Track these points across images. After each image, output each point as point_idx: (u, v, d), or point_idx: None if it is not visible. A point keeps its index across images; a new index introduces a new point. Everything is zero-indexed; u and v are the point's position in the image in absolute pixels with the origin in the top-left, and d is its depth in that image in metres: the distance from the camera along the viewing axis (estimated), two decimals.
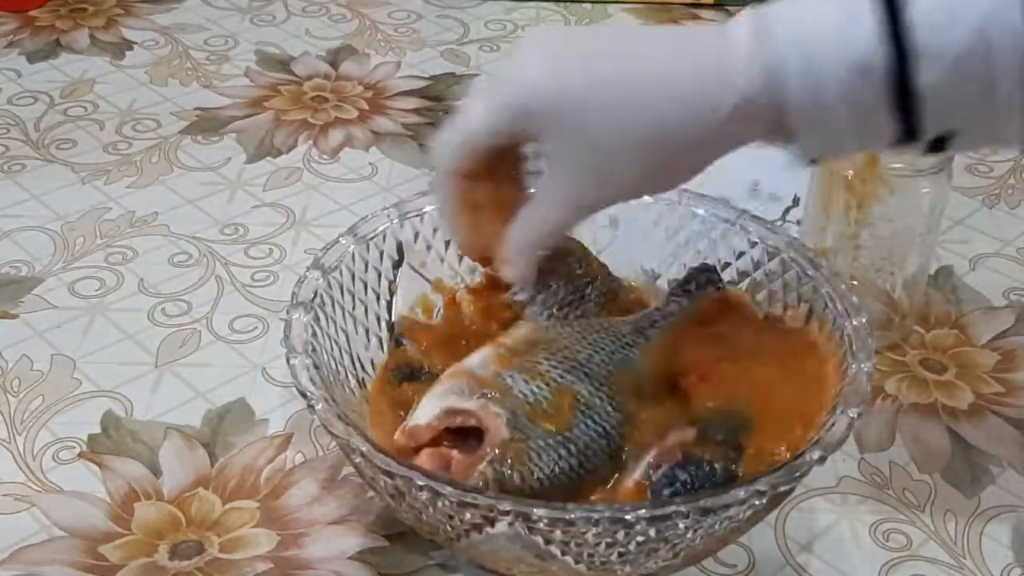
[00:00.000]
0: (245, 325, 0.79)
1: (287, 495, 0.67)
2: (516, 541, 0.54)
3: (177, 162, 0.96)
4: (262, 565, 0.63)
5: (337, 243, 0.68)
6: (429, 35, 1.17)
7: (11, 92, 1.06)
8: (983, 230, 0.90)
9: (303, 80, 1.08)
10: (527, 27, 1.18)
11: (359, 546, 0.64)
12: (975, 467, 0.70)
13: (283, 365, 0.62)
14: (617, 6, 1.22)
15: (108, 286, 0.82)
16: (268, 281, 0.83)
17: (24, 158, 0.96)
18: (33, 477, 0.68)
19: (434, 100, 1.06)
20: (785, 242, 0.69)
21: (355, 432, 0.56)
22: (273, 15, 1.20)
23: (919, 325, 0.80)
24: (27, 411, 0.72)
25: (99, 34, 1.15)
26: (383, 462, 0.54)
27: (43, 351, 0.77)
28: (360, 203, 0.91)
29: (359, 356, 0.67)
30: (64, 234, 0.87)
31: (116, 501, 0.66)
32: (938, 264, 0.86)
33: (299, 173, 0.95)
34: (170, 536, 0.64)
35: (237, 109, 1.04)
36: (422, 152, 0.98)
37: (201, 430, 0.71)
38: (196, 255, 0.86)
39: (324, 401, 0.58)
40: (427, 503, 0.54)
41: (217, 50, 1.13)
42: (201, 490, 0.67)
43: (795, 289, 0.67)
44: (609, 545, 0.54)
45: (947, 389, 0.75)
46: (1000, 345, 0.79)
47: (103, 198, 0.92)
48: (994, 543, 0.65)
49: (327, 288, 0.66)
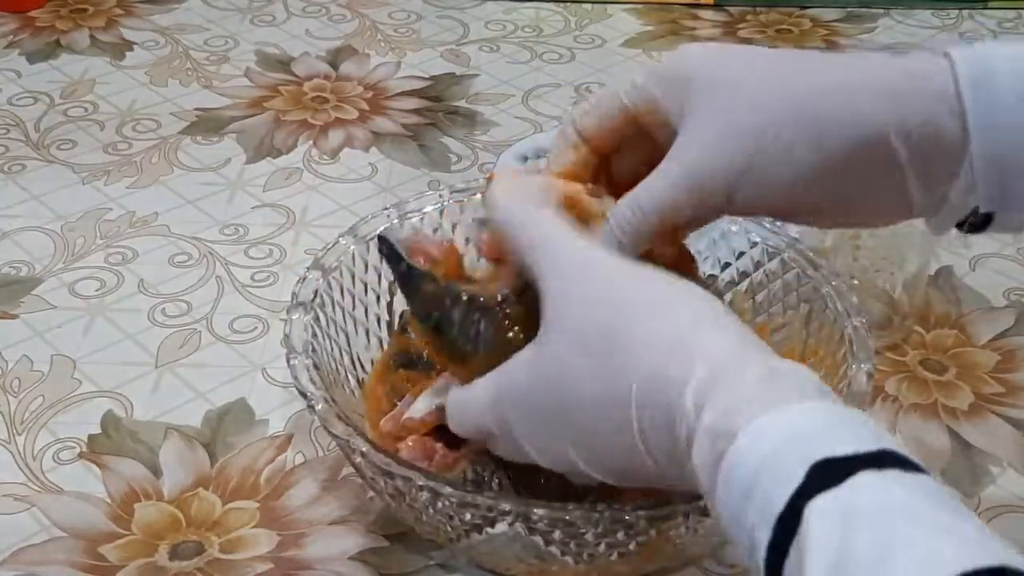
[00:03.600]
0: (245, 325, 0.79)
1: (287, 495, 0.67)
2: (516, 541, 0.54)
3: (177, 162, 0.96)
4: (262, 565, 0.63)
5: (337, 243, 0.68)
6: (429, 35, 1.17)
7: (11, 92, 1.06)
8: None
9: (303, 80, 1.08)
10: (527, 27, 1.18)
11: (359, 546, 0.64)
12: (975, 467, 0.70)
13: (283, 365, 0.62)
14: (617, 6, 1.22)
15: (108, 286, 0.82)
16: (268, 281, 0.83)
17: (24, 158, 0.96)
18: (33, 477, 0.68)
19: (434, 100, 1.06)
20: (785, 242, 0.69)
21: (355, 432, 0.56)
22: (273, 15, 1.20)
23: (919, 325, 0.80)
24: (27, 411, 0.72)
25: (99, 34, 1.15)
26: (383, 462, 0.54)
27: (43, 351, 0.77)
28: (360, 203, 0.91)
29: (359, 356, 0.67)
30: (64, 234, 0.87)
31: (116, 501, 0.66)
32: (938, 264, 0.86)
33: (299, 173, 0.95)
34: (170, 536, 0.64)
35: (237, 109, 1.04)
36: (422, 152, 0.98)
37: (201, 430, 0.71)
38: (196, 255, 0.86)
39: (324, 401, 0.58)
40: (427, 503, 0.54)
41: (217, 50, 1.13)
42: (201, 490, 0.67)
43: (795, 289, 0.67)
44: (609, 545, 0.54)
45: (947, 389, 0.75)
46: (1000, 345, 0.79)
47: (103, 198, 0.92)
48: None
49: (327, 288, 0.66)
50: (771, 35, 1.18)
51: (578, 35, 1.17)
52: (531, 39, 1.16)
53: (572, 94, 1.07)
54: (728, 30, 1.19)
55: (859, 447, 0.39)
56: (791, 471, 0.39)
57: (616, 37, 1.17)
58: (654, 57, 1.14)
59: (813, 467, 0.39)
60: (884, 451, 0.39)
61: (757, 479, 0.40)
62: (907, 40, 1.17)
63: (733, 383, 0.43)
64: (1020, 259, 0.87)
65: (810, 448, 0.40)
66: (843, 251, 0.76)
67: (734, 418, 0.42)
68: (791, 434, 0.41)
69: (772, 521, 0.39)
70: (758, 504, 0.40)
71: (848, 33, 1.19)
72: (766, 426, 0.41)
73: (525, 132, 1.00)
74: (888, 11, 1.22)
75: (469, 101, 1.05)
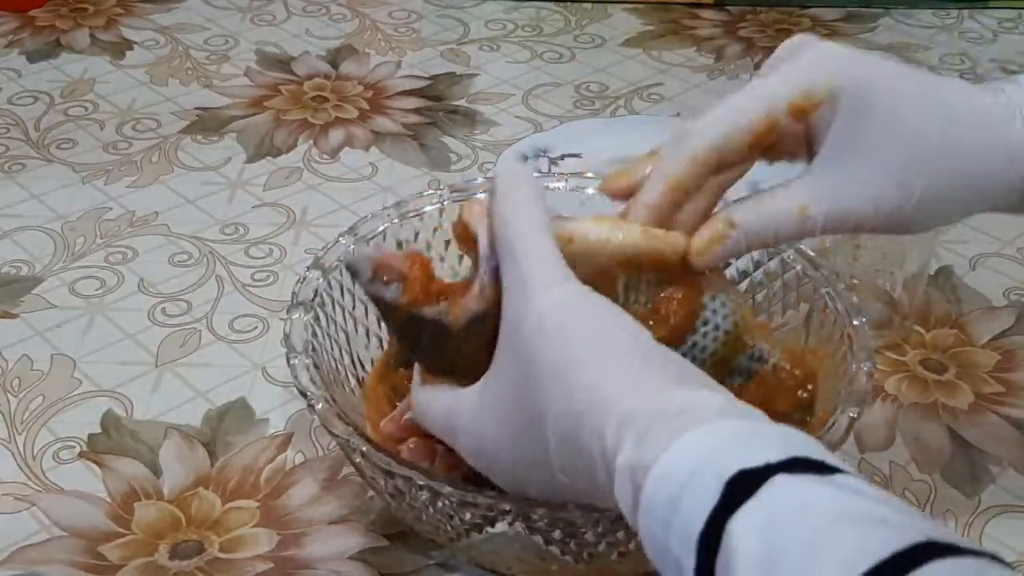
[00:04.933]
0: (245, 325, 0.79)
1: (287, 495, 0.67)
2: (516, 541, 0.54)
3: (177, 162, 0.96)
4: (262, 565, 0.63)
5: (337, 243, 0.68)
6: (429, 35, 1.17)
7: (11, 92, 1.06)
8: (983, 230, 0.90)
9: (303, 80, 1.08)
10: (527, 27, 1.18)
11: (359, 546, 0.64)
12: (975, 467, 0.70)
13: (283, 365, 0.62)
14: (617, 6, 1.22)
15: (108, 286, 0.82)
16: (268, 281, 0.83)
17: (24, 158, 0.96)
18: (33, 477, 0.68)
19: (434, 100, 1.06)
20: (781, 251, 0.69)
21: (355, 431, 0.56)
22: (273, 15, 1.20)
23: (919, 325, 0.80)
24: (27, 411, 0.72)
25: (99, 34, 1.15)
26: (383, 461, 0.54)
27: (43, 351, 0.77)
28: (360, 203, 0.91)
29: (359, 356, 0.67)
30: (64, 234, 0.87)
31: (116, 501, 0.66)
32: (938, 264, 0.86)
33: (299, 173, 0.95)
34: (170, 536, 0.64)
35: (237, 109, 1.04)
36: (422, 152, 0.98)
37: (201, 430, 0.71)
38: (196, 255, 0.86)
39: (324, 401, 0.58)
40: (427, 503, 0.54)
41: (217, 50, 1.13)
42: (201, 490, 0.67)
43: (795, 289, 0.67)
44: (609, 545, 0.54)
45: (947, 389, 0.75)
46: (1000, 345, 0.79)
47: (103, 198, 0.92)
48: (994, 543, 0.65)
49: (327, 288, 0.66)
50: (771, 35, 1.18)
51: (578, 35, 1.17)
52: (531, 39, 1.16)
53: (572, 94, 1.07)
54: (728, 30, 1.19)
55: (770, 457, 0.39)
56: (707, 489, 0.39)
57: (616, 37, 1.17)
58: (654, 56, 1.14)
59: (728, 482, 0.39)
60: (795, 458, 0.39)
61: (676, 506, 0.40)
62: (907, 40, 1.17)
63: (646, 419, 0.42)
64: (1020, 259, 0.87)
65: (724, 464, 0.39)
66: (843, 251, 0.76)
67: (646, 451, 0.41)
68: (704, 455, 0.40)
69: (694, 543, 0.39)
70: (679, 530, 0.39)
71: (848, 33, 1.19)
72: (679, 450, 0.41)
73: (525, 132, 1.00)
74: (888, 11, 1.22)
75: (469, 101, 1.05)
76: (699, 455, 0.40)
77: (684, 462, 0.40)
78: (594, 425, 0.44)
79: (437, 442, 0.56)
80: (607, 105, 1.05)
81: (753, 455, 0.39)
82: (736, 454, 0.40)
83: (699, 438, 0.41)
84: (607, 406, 0.44)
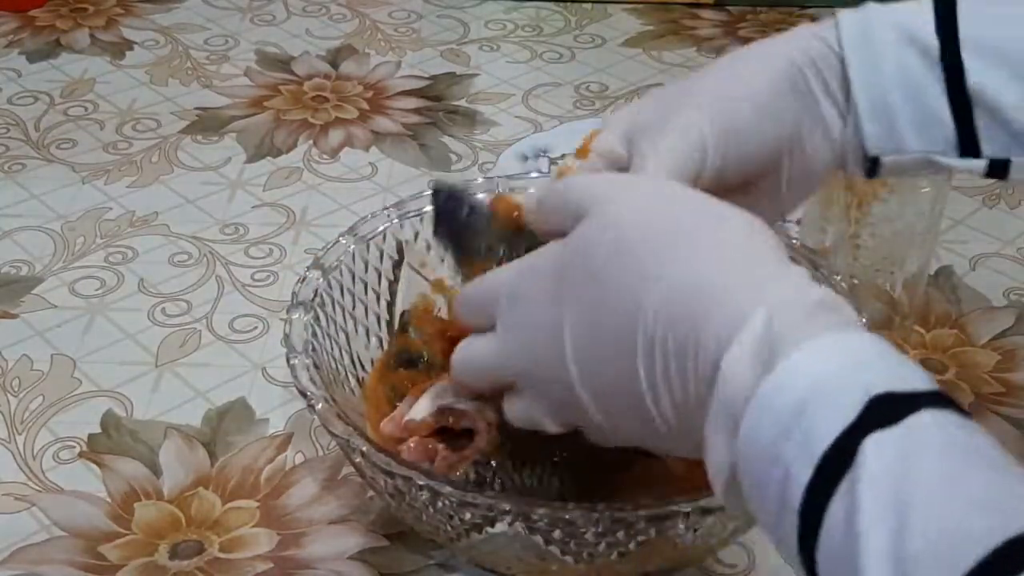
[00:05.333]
0: (245, 325, 0.79)
1: (287, 495, 0.67)
2: (516, 540, 0.54)
3: (177, 162, 0.96)
4: (262, 565, 0.63)
5: (337, 243, 0.68)
6: (429, 35, 1.17)
7: (11, 92, 1.06)
8: (983, 230, 0.90)
9: (303, 80, 1.08)
10: (527, 27, 1.18)
11: (359, 546, 0.64)
12: None
13: (283, 365, 0.62)
14: (617, 6, 1.22)
15: (108, 286, 0.82)
16: (268, 281, 0.83)
17: (24, 158, 0.96)
18: (33, 477, 0.68)
19: (434, 100, 1.06)
20: (785, 242, 0.69)
21: (355, 431, 0.56)
22: (273, 15, 1.20)
23: (919, 325, 0.80)
24: (27, 411, 0.72)
25: (99, 34, 1.15)
26: (383, 461, 0.54)
27: (43, 351, 0.77)
28: (360, 203, 0.91)
29: (359, 356, 0.67)
30: (64, 234, 0.87)
31: (116, 501, 0.66)
32: (938, 264, 0.86)
33: (299, 173, 0.95)
34: (170, 536, 0.64)
35: (237, 109, 1.04)
36: (422, 152, 0.98)
37: (201, 430, 0.71)
38: (196, 255, 0.86)
39: (324, 401, 0.58)
40: (427, 503, 0.54)
41: (217, 50, 1.13)
42: (201, 490, 0.67)
43: None
44: (609, 545, 0.54)
45: (947, 389, 0.75)
46: (1000, 345, 0.79)
47: (103, 198, 0.92)
48: None
49: (327, 288, 0.66)
50: (771, 35, 1.17)
51: (578, 35, 1.17)
52: (531, 39, 1.16)
53: (572, 94, 1.07)
54: (728, 30, 1.19)
55: (918, 385, 0.38)
56: (848, 401, 0.37)
57: (616, 37, 1.17)
58: (654, 56, 1.14)
59: (872, 401, 0.36)
60: (940, 393, 0.38)
61: (803, 408, 0.37)
62: None
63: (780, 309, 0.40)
64: (1020, 259, 0.87)
65: (869, 380, 0.37)
66: (843, 251, 0.76)
67: (779, 343, 0.38)
68: (851, 361, 0.38)
69: (817, 455, 0.36)
70: (799, 438, 0.37)
71: None
72: (824, 346, 0.38)
73: (525, 132, 1.00)
74: None
75: (469, 101, 1.05)
76: (846, 359, 0.38)
77: (829, 359, 0.38)
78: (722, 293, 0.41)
79: (437, 442, 0.56)
80: (607, 105, 1.05)
81: (903, 380, 0.38)
82: (884, 375, 0.38)
83: (847, 341, 0.39)
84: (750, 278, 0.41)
